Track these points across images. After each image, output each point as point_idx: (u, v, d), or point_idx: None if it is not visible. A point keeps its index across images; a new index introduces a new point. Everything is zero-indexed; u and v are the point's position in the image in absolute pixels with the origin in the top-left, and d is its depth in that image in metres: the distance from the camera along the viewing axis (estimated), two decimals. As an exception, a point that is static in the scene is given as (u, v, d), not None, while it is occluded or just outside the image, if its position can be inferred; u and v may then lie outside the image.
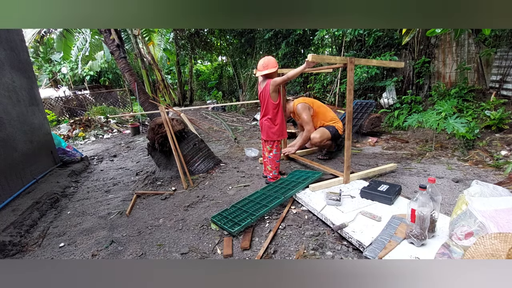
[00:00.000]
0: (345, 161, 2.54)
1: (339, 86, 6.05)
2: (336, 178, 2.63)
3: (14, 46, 3.54)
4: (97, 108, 9.49)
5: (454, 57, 4.80)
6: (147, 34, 11.20)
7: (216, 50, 11.67)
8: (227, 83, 12.92)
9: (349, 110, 2.46)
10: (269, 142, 2.86)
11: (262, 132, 2.91)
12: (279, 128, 2.81)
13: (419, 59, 5.06)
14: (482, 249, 1.20)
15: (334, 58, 2.36)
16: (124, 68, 6.23)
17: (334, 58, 2.36)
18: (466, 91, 4.40)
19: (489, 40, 4.14)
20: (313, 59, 2.20)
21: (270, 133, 2.82)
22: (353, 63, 2.34)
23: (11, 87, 3.29)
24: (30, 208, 2.65)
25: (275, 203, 2.23)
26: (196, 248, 1.87)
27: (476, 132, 3.32)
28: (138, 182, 3.39)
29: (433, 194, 1.63)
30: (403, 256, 1.52)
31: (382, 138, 4.42)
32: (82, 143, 6.50)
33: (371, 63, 2.55)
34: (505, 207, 1.43)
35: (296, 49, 7.52)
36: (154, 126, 3.20)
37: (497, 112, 3.57)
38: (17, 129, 3.24)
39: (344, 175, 2.58)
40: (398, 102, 5.22)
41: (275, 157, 2.85)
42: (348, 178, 2.60)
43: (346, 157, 2.53)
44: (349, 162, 2.56)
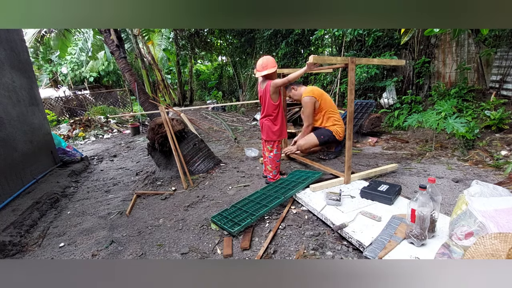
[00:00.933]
0: (346, 162, 2.54)
1: (339, 86, 6.05)
2: (337, 179, 2.63)
3: (14, 46, 3.54)
4: (97, 108, 9.49)
5: (454, 57, 4.80)
6: (147, 34, 11.20)
7: (216, 50, 11.67)
8: (227, 83, 12.92)
9: (350, 110, 2.46)
10: (269, 142, 2.86)
11: (262, 132, 2.92)
12: (279, 128, 2.81)
13: (419, 59, 5.06)
14: (482, 249, 1.20)
15: (335, 59, 2.36)
16: (124, 68, 6.23)
17: (335, 59, 2.36)
18: (466, 91, 4.39)
19: (489, 40, 4.14)
20: (315, 61, 2.20)
21: (270, 133, 2.82)
22: (354, 63, 2.34)
23: (11, 87, 3.29)
24: (30, 208, 2.65)
25: (275, 203, 2.23)
26: (196, 248, 1.87)
27: (476, 132, 3.32)
28: (138, 182, 3.39)
29: (433, 194, 1.63)
30: (403, 256, 1.52)
31: (382, 138, 4.42)
32: (82, 143, 6.50)
33: (372, 62, 2.55)
34: (505, 207, 1.43)
35: (296, 49, 7.52)
36: (154, 126, 3.20)
37: (497, 112, 3.57)
38: (17, 129, 3.24)
39: (345, 175, 2.58)
40: (398, 102, 5.22)
41: (276, 157, 2.86)
42: (349, 179, 2.60)
43: (347, 157, 2.53)
44: (350, 163, 2.56)
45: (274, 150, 2.85)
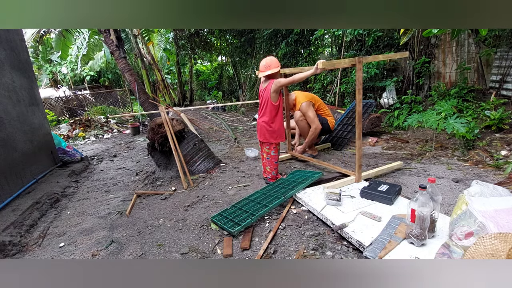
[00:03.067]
0: (357, 160, 2.54)
1: (339, 86, 6.04)
2: (348, 177, 2.64)
3: (14, 46, 3.54)
4: (97, 108, 9.49)
5: (454, 57, 4.80)
6: (147, 34, 11.19)
7: (216, 50, 11.66)
8: (227, 83, 12.90)
9: (358, 109, 2.44)
10: (266, 144, 2.82)
11: (258, 133, 2.87)
12: (277, 131, 2.75)
13: (419, 59, 5.06)
14: (482, 249, 1.20)
15: (343, 61, 2.39)
16: (124, 68, 6.23)
17: (343, 61, 2.39)
18: (466, 91, 4.39)
19: (489, 40, 4.14)
20: (324, 66, 2.21)
21: (267, 135, 2.77)
22: (361, 62, 2.33)
23: (11, 87, 3.29)
24: (30, 208, 2.65)
25: (275, 203, 2.24)
26: (196, 248, 1.87)
27: (476, 132, 3.32)
28: (138, 182, 3.39)
29: (433, 194, 1.63)
30: (403, 256, 1.52)
31: (382, 138, 4.42)
32: (82, 143, 6.50)
33: (378, 59, 2.60)
34: (505, 207, 1.43)
35: (296, 49, 7.51)
36: (154, 126, 3.20)
37: (497, 112, 3.56)
38: (17, 129, 3.24)
39: (356, 173, 2.59)
40: (398, 102, 5.22)
41: (273, 159, 2.81)
42: (360, 177, 2.61)
43: (357, 156, 2.53)
44: (361, 162, 2.58)
45: (272, 152, 2.80)
